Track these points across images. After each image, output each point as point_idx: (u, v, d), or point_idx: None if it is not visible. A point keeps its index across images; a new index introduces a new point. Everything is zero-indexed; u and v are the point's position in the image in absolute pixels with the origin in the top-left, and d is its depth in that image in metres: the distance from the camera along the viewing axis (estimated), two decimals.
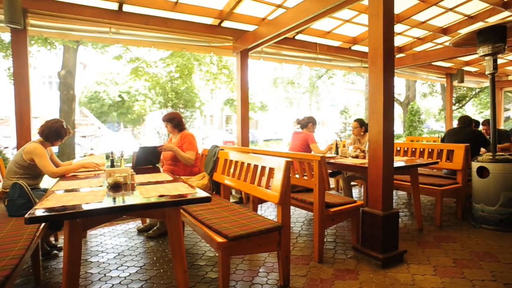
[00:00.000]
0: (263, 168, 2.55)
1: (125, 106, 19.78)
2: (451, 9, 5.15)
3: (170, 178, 2.56)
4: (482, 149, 4.25)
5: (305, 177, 2.90)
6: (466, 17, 5.50)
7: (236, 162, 2.99)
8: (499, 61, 8.00)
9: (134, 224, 3.87)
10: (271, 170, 2.43)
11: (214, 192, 3.44)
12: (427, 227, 3.61)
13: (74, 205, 1.64)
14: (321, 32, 5.62)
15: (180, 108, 10.91)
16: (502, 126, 9.12)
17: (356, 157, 3.70)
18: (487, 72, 3.60)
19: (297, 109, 26.29)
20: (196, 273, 2.60)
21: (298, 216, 4.11)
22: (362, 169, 3.07)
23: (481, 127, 5.60)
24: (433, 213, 3.99)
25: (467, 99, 16.41)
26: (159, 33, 4.48)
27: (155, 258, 2.90)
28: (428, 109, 25.88)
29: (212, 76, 10.79)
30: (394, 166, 2.75)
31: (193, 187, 2.10)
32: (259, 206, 4.32)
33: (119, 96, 19.84)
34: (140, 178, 2.57)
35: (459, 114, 15.02)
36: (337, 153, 3.94)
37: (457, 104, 15.95)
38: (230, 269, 2.61)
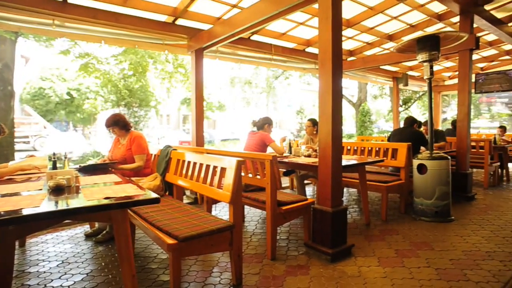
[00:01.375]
0: (215, 168, 2.54)
1: (74, 104, 18.58)
2: (395, 18, 5.51)
3: (118, 179, 2.46)
4: (422, 148, 4.60)
5: (258, 177, 2.94)
6: (409, 26, 5.92)
7: (189, 162, 2.95)
8: (437, 68, 8.71)
9: (81, 229, 3.66)
10: (223, 170, 2.43)
11: (166, 193, 3.36)
12: (374, 221, 3.83)
13: (6, 211, 1.51)
14: (276, 34, 5.72)
15: (134, 107, 10.50)
16: (440, 126, 9.91)
17: (309, 156, 3.82)
18: (425, 77, 3.90)
19: (254, 109, 26.49)
20: (147, 276, 2.53)
21: (253, 215, 4.15)
22: (314, 168, 3.17)
23: (422, 128, 6.04)
24: (380, 208, 4.24)
25: (412, 101, 17.63)
26: (109, 28, 4.28)
27: (103, 264, 2.77)
28: (379, 110, 27.38)
29: (167, 74, 10.51)
30: (343, 164, 2.88)
31: (142, 189, 2.04)
32: (214, 206, 4.30)
33: (68, 93, 18.59)
34: (86, 180, 2.44)
35: (406, 115, 16.09)
36: (290, 152, 4.04)
37: (403, 106, 17.06)
38: (183, 271, 2.58)
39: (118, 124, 3.43)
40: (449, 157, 3.84)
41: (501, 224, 3.68)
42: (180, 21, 4.70)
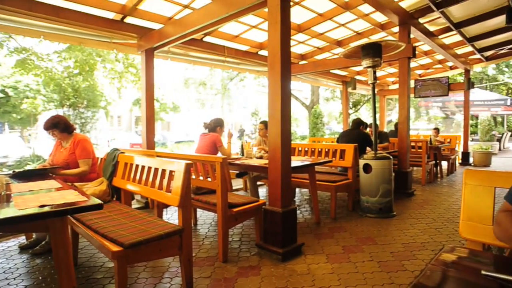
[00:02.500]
0: (164, 171, 2.48)
1: (10, 103, 16.94)
2: (343, 25, 5.80)
3: (58, 185, 2.30)
4: (368, 148, 4.87)
5: (209, 179, 2.92)
6: (355, 33, 6.26)
7: (137, 165, 2.85)
8: (382, 73, 9.29)
9: (15, 242, 3.36)
10: (172, 173, 2.38)
11: (114, 199, 3.21)
12: (323, 219, 3.98)
13: None
14: (229, 36, 5.73)
15: (80, 107, 9.84)
16: (385, 128, 10.59)
17: (261, 157, 3.88)
18: (369, 82, 4.15)
19: (209, 111, 26.27)
20: (92, 287, 2.40)
21: (206, 218, 4.11)
22: (265, 169, 3.22)
23: (368, 129, 6.40)
24: (330, 207, 4.42)
25: (361, 104, 18.63)
26: (49, 23, 3.98)
27: (41, 278, 2.57)
28: (331, 112, 28.48)
29: (117, 74, 10.03)
30: (292, 165, 2.96)
31: (84, 194, 1.93)
32: (165, 210, 4.20)
33: (2, 91, 16.94)
34: (20, 187, 2.24)
35: (356, 117, 16.95)
36: (242, 154, 4.06)
37: (353, 108, 17.97)
38: (131, 279, 2.48)
39: (57, 126, 3.20)
40: (391, 157, 4.11)
41: (435, 217, 4.03)
42: (129, 20, 4.53)
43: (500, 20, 5.19)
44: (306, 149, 4.81)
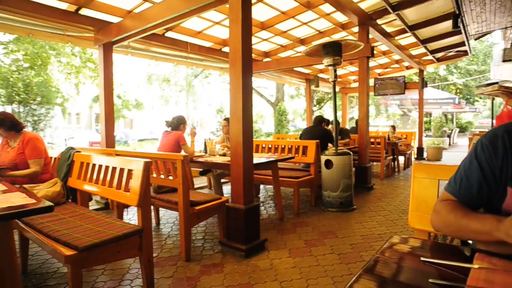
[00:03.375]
0: (122, 170, 2.39)
1: None
2: (305, 23, 5.90)
3: (4, 188, 2.14)
4: (330, 145, 5.02)
5: (170, 177, 2.86)
6: (318, 32, 6.39)
7: (94, 165, 2.73)
8: (344, 72, 9.59)
9: None
10: (130, 172, 2.31)
11: (69, 200, 3.05)
12: (287, 215, 4.05)
13: None
14: (192, 32, 5.63)
15: (31, 104, 9.17)
16: (347, 125, 10.95)
17: (224, 155, 3.86)
18: (330, 80, 4.26)
19: (174, 108, 25.72)
20: None
21: (169, 217, 4.03)
22: (228, 167, 3.21)
23: (330, 126, 6.59)
24: (293, 203, 4.50)
25: (325, 101, 19.12)
26: None
27: None
28: (296, 109, 28.96)
29: (74, 69, 9.48)
30: (254, 162, 2.98)
31: (33, 196, 1.81)
32: (126, 210, 4.07)
33: None
34: None
35: (320, 114, 17.36)
36: (205, 151, 4.02)
37: (317, 106, 18.40)
38: (88, 283, 2.39)
39: (3, 124, 2.98)
40: (351, 153, 4.26)
41: (391, 209, 4.24)
42: (85, 11, 4.30)
43: (448, 25, 5.54)
44: (270, 146, 4.86)
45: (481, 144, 0.95)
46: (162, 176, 3.02)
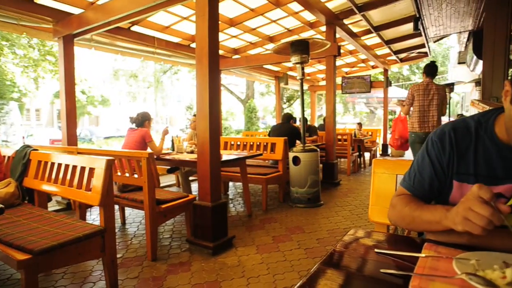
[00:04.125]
0: (83, 168, 2.30)
1: None
2: (274, 21, 5.94)
3: None
4: (298, 141, 5.09)
5: (136, 175, 2.79)
6: (286, 30, 6.46)
7: (53, 163, 2.60)
8: (312, 70, 9.76)
9: None
10: (92, 170, 2.22)
11: (26, 201, 2.88)
12: (255, 212, 4.08)
13: None
14: (159, 26, 5.49)
15: None
16: (316, 122, 11.18)
17: (192, 152, 3.81)
18: (298, 77, 4.33)
19: (142, 104, 25.02)
20: None
21: (136, 216, 3.93)
22: (195, 164, 3.17)
23: (298, 123, 6.70)
24: (262, 199, 4.54)
25: (295, 98, 19.40)
26: None
27: None
28: (266, 106, 29.15)
29: (32, 62, 8.92)
30: (222, 160, 2.97)
31: None
32: (89, 211, 3.92)
33: None
34: None
35: (290, 111, 17.59)
36: (173, 149, 3.95)
37: (287, 103, 18.62)
38: None
39: None
40: (318, 149, 4.36)
41: (357, 204, 4.39)
42: (42, 1, 4.06)
43: (410, 27, 5.78)
44: (239, 143, 4.86)
45: (431, 140, 1.01)
46: (127, 175, 2.93)
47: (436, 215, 0.86)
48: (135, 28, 5.25)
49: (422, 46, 7.95)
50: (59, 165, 2.53)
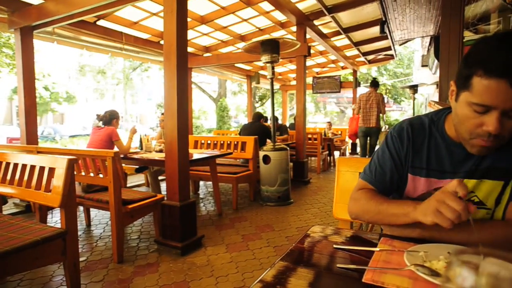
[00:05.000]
0: (43, 168, 2.19)
1: None
2: (246, 20, 5.93)
3: None
4: (268, 140, 5.13)
5: (101, 175, 2.70)
6: (258, 29, 6.47)
7: (9, 163, 2.45)
8: (284, 69, 9.86)
9: None
10: (52, 170, 2.12)
11: None
12: (226, 211, 4.07)
13: None
14: (127, 22, 5.33)
15: None
16: (287, 121, 11.30)
17: (161, 151, 3.74)
18: (268, 77, 4.36)
19: (111, 102, 24.19)
20: None
21: (102, 217, 3.80)
22: (164, 163, 3.12)
23: (269, 122, 6.75)
24: (232, 198, 4.53)
25: (267, 98, 19.53)
26: None
27: None
28: (239, 105, 29.12)
29: None
30: (191, 159, 2.94)
31: None
32: (50, 213, 3.74)
33: None
34: None
35: (262, 110, 17.68)
36: (141, 148, 3.86)
37: (259, 102, 18.70)
38: None
39: None
40: (288, 148, 4.41)
41: (326, 202, 4.49)
42: None
43: (377, 30, 5.99)
44: (209, 142, 4.83)
45: (390, 135, 1.06)
46: (92, 175, 2.83)
47: (404, 207, 0.88)
48: (101, 23, 5.06)
49: (389, 48, 8.26)
50: (16, 165, 2.40)
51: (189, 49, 6.89)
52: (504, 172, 0.85)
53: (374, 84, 6.35)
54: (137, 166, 4.13)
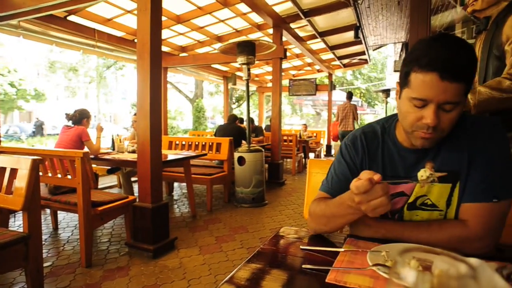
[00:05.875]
0: (3, 169, 2.08)
1: None
2: (223, 21, 5.92)
3: None
4: (244, 142, 5.14)
5: (69, 176, 2.60)
6: (235, 31, 6.47)
7: None
8: (260, 71, 9.91)
9: None
10: (15, 171, 2.02)
11: None
12: (200, 212, 4.03)
13: None
14: (100, 18, 5.17)
15: None
16: (263, 123, 11.37)
17: (134, 152, 3.65)
18: (244, 78, 4.36)
19: (83, 100, 23.38)
20: None
21: (70, 220, 3.66)
22: (136, 164, 3.05)
23: (245, 123, 6.76)
24: (206, 200, 4.49)
25: (244, 99, 19.55)
26: None
27: None
28: (216, 106, 28.98)
29: None
30: (164, 160, 2.89)
31: None
32: (12, 216, 3.56)
33: None
34: None
35: (239, 112, 17.66)
36: (113, 148, 3.75)
37: (236, 103, 18.68)
38: None
39: None
40: (263, 150, 4.43)
41: (300, 203, 4.54)
42: None
43: (352, 35, 6.14)
44: (184, 142, 4.77)
45: (345, 144, 1.09)
46: (60, 176, 2.72)
47: (342, 198, 0.90)
48: (72, 18, 4.88)
49: (363, 53, 8.48)
50: None
51: (165, 49, 6.79)
52: (450, 175, 0.90)
53: (349, 97, 7.88)
54: (109, 167, 4.01)
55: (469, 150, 0.90)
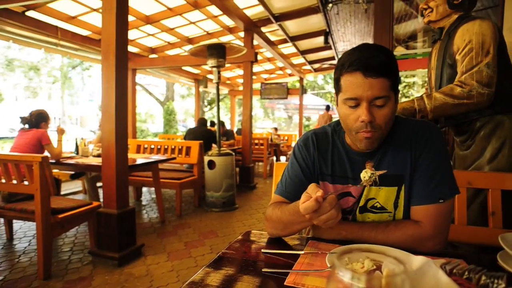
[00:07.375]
0: None
1: None
2: (193, 23, 5.86)
3: None
4: (214, 145, 5.10)
5: (26, 182, 2.45)
6: (206, 33, 6.44)
7: None
8: (232, 74, 9.91)
9: None
10: None
11: None
12: (169, 217, 3.94)
13: None
14: (63, 15, 4.95)
15: None
16: (235, 126, 11.35)
17: (99, 156, 3.51)
18: (214, 81, 4.33)
19: (46, 101, 22.25)
20: None
21: (28, 229, 3.46)
22: (101, 168, 2.93)
23: (215, 127, 6.72)
24: (176, 204, 4.41)
25: (216, 102, 19.43)
26: None
27: None
28: (188, 109, 28.57)
29: None
30: (135, 164, 2.81)
31: None
32: None
33: None
34: None
35: (211, 115, 17.52)
36: (77, 152, 3.59)
37: (209, 106, 18.52)
38: None
39: None
40: (233, 153, 4.41)
41: None
42: None
43: (322, 40, 6.28)
44: (153, 146, 4.66)
45: (297, 146, 1.11)
46: (15, 182, 2.56)
47: (296, 205, 0.89)
48: (31, 14, 4.62)
49: (333, 58, 8.69)
50: None
51: (134, 50, 6.62)
52: (395, 179, 0.95)
53: (327, 108, 10.22)
54: (72, 172, 3.84)
55: (411, 153, 0.95)
